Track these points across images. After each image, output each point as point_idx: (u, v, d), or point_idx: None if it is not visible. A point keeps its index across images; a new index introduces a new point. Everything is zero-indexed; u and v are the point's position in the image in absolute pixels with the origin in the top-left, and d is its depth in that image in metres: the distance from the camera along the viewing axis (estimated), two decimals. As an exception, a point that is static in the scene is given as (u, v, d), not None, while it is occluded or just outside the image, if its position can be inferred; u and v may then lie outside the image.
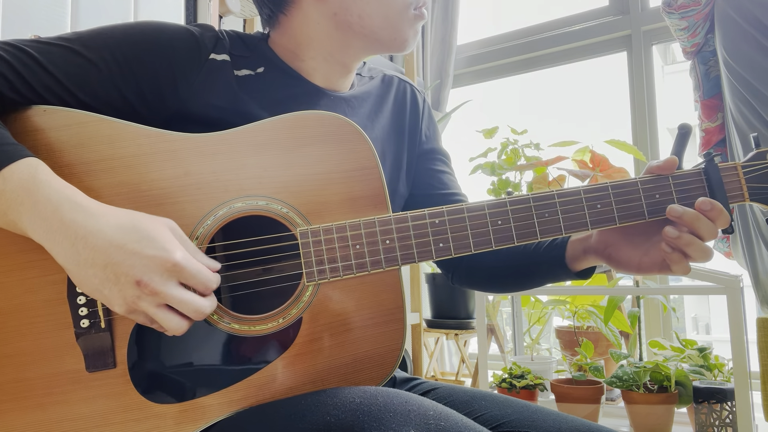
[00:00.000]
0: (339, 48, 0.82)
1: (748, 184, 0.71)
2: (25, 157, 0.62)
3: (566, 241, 0.83)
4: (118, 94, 0.72)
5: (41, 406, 0.64)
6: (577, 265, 0.83)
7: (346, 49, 0.82)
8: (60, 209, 0.60)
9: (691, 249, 0.69)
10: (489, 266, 0.92)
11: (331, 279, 0.68)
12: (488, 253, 0.90)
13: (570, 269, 0.83)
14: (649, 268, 0.74)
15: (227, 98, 0.76)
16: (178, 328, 0.60)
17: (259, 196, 0.69)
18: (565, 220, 0.72)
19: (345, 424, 0.53)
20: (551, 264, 0.84)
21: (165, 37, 0.74)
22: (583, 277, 0.84)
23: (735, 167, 0.72)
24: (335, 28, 0.80)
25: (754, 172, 0.72)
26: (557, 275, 0.85)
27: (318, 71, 0.83)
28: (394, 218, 0.70)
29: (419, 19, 0.82)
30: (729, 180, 0.72)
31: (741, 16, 1.72)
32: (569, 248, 0.83)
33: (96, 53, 0.71)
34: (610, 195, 0.72)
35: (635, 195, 0.72)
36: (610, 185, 0.72)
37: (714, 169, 0.71)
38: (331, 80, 0.84)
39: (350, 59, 0.84)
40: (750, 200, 0.72)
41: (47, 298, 0.65)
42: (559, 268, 0.83)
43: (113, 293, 0.59)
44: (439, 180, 0.95)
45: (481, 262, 0.93)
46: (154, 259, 0.58)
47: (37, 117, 0.68)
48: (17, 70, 0.67)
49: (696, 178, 0.72)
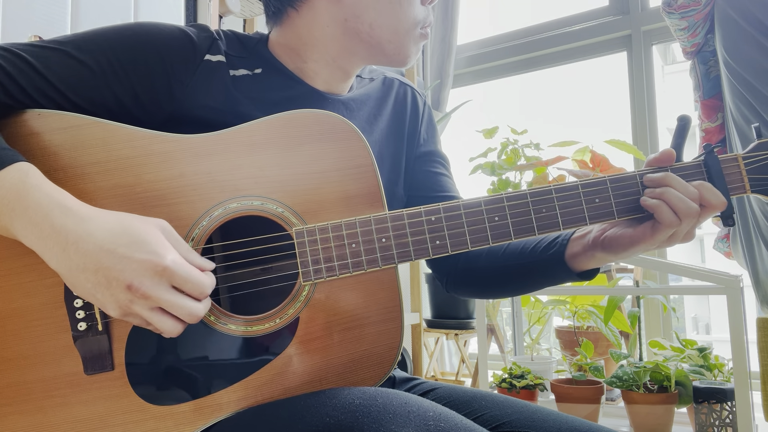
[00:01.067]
0: (343, 54, 0.81)
1: (749, 175, 0.71)
2: (17, 162, 0.62)
3: (567, 240, 0.82)
4: (112, 97, 0.72)
5: (41, 410, 0.64)
6: (578, 264, 0.81)
7: (350, 56, 0.82)
8: (50, 214, 0.59)
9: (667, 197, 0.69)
10: (485, 267, 0.91)
11: (327, 278, 0.68)
12: (485, 256, 0.90)
13: (571, 269, 0.81)
14: (642, 234, 0.72)
15: (222, 99, 0.75)
16: (172, 331, 0.60)
17: (255, 196, 0.69)
18: (563, 215, 0.71)
19: (344, 425, 0.52)
20: (550, 263, 0.82)
21: (159, 38, 0.74)
22: (586, 278, 0.83)
23: (736, 158, 0.71)
24: (343, 34, 0.80)
25: (756, 163, 0.71)
26: (557, 275, 0.83)
27: (319, 75, 0.82)
28: (390, 216, 0.69)
29: (423, 38, 0.83)
30: (729, 171, 0.71)
31: (741, 16, 1.72)
32: (570, 246, 0.81)
33: (90, 56, 0.71)
34: (609, 189, 0.71)
35: (634, 188, 0.72)
36: (608, 179, 0.71)
37: (714, 160, 0.70)
38: (330, 84, 0.84)
39: (351, 66, 0.84)
40: (752, 192, 0.71)
41: (44, 302, 0.65)
42: (558, 267, 0.82)
43: (106, 297, 0.58)
44: (437, 182, 0.95)
45: (477, 265, 0.92)
46: (143, 263, 0.58)
47: (31, 121, 0.68)
48: (11, 75, 0.67)
49: (696, 170, 0.71)
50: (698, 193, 0.69)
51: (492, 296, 0.98)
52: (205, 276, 0.62)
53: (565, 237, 0.82)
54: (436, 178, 0.95)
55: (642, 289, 1.63)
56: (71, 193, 0.63)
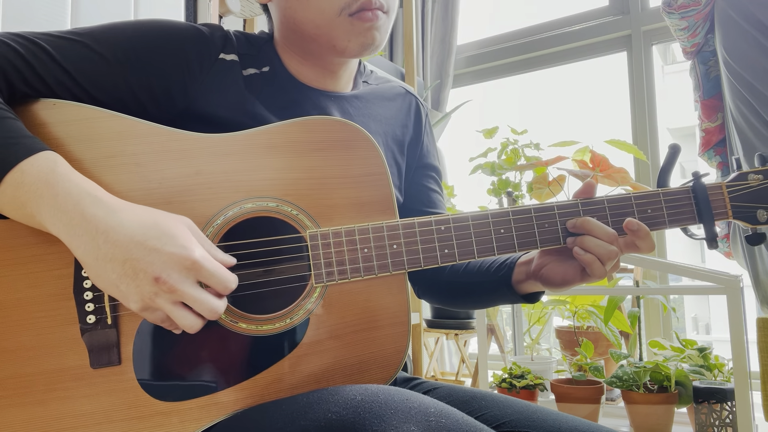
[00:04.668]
0: (302, 51, 0.81)
1: (732, 203, 0.75)
2: (44, 150, 0.62)
3: (514, 263, 0.85)
4: (128, 91, 0.72)
5: (41, 402, 0.64)
6: (522, 288, 0.85)
7: (309, 53, 0.81)
8: (81, 203, 0.60)
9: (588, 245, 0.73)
10: (447, 281, 0.94)
11: (339, 281, 0.69)
12: (448, 271, 0.95)
13: (516, 291, 0.85)
14: (573, 277, 0.76)
15: (235, 98, 0.76)
16: (192, 326, 0.60)
17: (270, 198, 0.69)
18: (563, 231, 0.75)
19: (346, 420, 0.53)
20: (499, 284, 0.86)
21: (176, 36, 0.75)
22: (530, 302, 0.87)
23: (720, 186, 0.76)
24: (291, 33, 0.81)
25: (737, 192, 0.75)
26: (505, 296, 0.87)
27: (302, 74, 0.83)
28: (401, 224, 0.71)
29: (360, 20, 0.74)
30: (715, 198, 0.75)
31: (741, 16, 1.72)
32: (516, 270, 0.85)
33: (108, 49, 0.71)
34: (606, 209, 0.75)
35: (629, 210, 0.75)
36: (606, 199, 0.76)
37: (701, 187, 0.75)
38: (320, 82, 0.84)
39: (324, 62, 0.82)
40: (733, 218, 0.75)
41: (51, 293, 0.65)
42: (506, 289, 0.86)
43: (130, 289, 0.58)
44: (429, 198, 0.97)
45: (440, 278, 0.95)
46: (173, 256, 0.58)
47: (46, 110, 0.68)
48: (30, 63, 0.67)
49: (684, 195, 0.76)
50: (615, 234, 0.73)
51: (455, 308, 1.04)
52: (229, 272, 0.62)
53: (513, 260, 0.86)
54: (428, 194, 0.97)
55: (642, 289, 1.63)
56: None
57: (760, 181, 0.75)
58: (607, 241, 0.73)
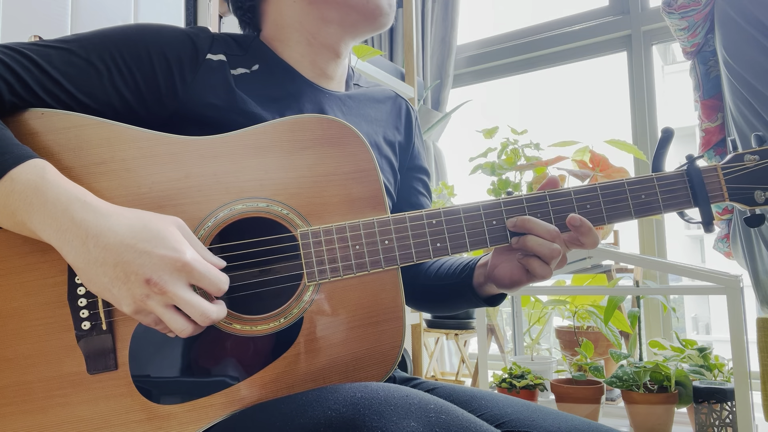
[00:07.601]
0: (318, 25, 0.82)
1: (727, 184, 0.74)
2: (33, 158, 0.62)
3: (474, 265, 0.85)
4: (117, 96, 0.72)
5: (42, 409, 0.64)
6: (484, 290, 0.84)
7: (325, 25, 0.82)
8: (70, 208, 0.60)
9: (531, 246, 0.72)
10: (422, 285, 0.94)
11: (331, 279, 0.69)
12: (423, 275, 0.94)
13: (479, 294, 0.85)
14: (520, 278, 0.76)
15: (225, 97, 0.76)
16: (183, 330, 0.60)
17: (260, 198, 0.69)
18: (557, 221, 0.73)
19: (346, 417, 0.53)
20: (462, 287, 0.86)
21: (162, 37, 0.75)
22: (491, 304, 0.86)
23: (715, 168, 0.74)
24: (308, 3, 0.81)
25: (733, 173, 0.74)
26: (470, 299, 0.86)
27: (305, 57, 0.84)
28: (392, 219, 0.71)
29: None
30: (710, 181, 0.74)
31: (741, 16, 1.72)
32: (476, 272, 0.84)
33: (95, 55, 0.72)
34: (599, 195, 0.74)
35: (622, 195, 0.74)
36: (599, 186, 0.74)
37: (696, 171, 0.74)
38: (320, 66, 0.84)
39: (333, 40, 0.83)
40: (729, 200, 0.74)
41: (47, 301, 0.65)
42: (469, 292, 0.85)
43: (122, 292, 0.59)
44: (417, 200, 0.98)
45: (417, 282, 0.95)
46: (164, 258, 0.58)
47: (34, 120, 0.68)
48: (17, 74, 0.67)
49: (679, 179, 0.74)
50: (556, 231, 0.71)
51: (432, 312, 1.03)
52: (221, 273, 0.62)
53: (474, 262, 0.85)
54: (416, 197, 0.98)
55: (642, 289, 1.63)
56: None
57: (757, 162, 0.73)
58: (549, 239, 0.71)
